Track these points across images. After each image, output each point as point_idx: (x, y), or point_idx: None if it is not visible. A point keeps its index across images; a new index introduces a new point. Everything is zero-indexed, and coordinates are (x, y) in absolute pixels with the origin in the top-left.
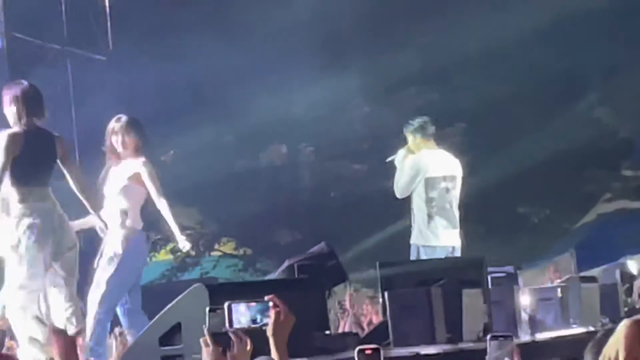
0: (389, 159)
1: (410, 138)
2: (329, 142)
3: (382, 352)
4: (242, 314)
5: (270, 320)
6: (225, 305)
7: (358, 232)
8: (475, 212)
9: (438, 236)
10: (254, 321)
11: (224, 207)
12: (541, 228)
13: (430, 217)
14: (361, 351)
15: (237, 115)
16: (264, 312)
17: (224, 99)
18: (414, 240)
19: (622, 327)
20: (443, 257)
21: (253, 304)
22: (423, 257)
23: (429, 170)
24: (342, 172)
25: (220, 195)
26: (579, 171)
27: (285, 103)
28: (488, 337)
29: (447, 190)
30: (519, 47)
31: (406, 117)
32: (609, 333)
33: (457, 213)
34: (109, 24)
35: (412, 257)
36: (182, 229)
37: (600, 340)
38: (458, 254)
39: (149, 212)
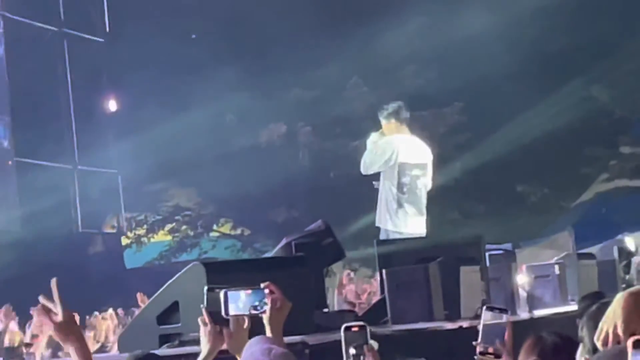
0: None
1: (384, 122)
2: (328, 122)
3: (368, 329)
4: (238, 300)
5: (266, 307)
6: (221, 292)
7: (356, 210)
8: (473, 191)
9: (407, 223)
10: (252, 307)
11: (222, 188)
12: (539, 206)
13: (399, 203)
14: (347, 328)
15: (237, 94)
16: (260, 298)
17: (223, 77)
18: (382, 224)
19: (619, 299)
20: None
21: (249, 290)
22: None
23: (400, 155)
24: (340, 151)
25: (219, 175)
26: (577, 149)
27: (285, 83)
28: (484, 307)
29: (418, 177)
30: (516, 26)
31: (405, 96)
32: (604, 306)
33: (424, 201)
34: (105, 5)
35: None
36: (181, 210)
37: (595, 313)
38: None
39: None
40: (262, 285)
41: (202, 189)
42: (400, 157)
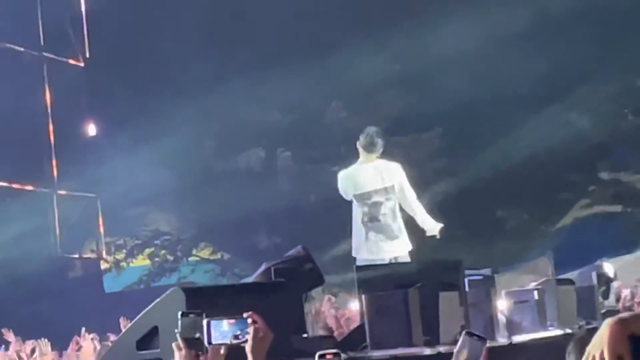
0: None
1: (360, 151)
2: (307, 146)
3: (342, 356)
4: (220, 329)
5: (249, 336)
6: (204, 322)
7: (336, 235)
8: (453, 216)
9: (377, 250)
10: (234, 337)
11: (202, 212)
12: (519, 231)
13: (366, 232)
14: (322, 356)
15: (216, 118)
16: (242, 328)
17: (202, 102)
18: (356, 254)
19: (606, 325)
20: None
21: (232, 320)
22: None
23: (353, 188)
24: (320, 176)
25: (198, 200)
26: (556, 175)
27: (264, 107)
28: (463, 332)
29: (381, 203)
30: (496, 51)
31: (385, 120)
32: (591, 332)
33: (394, 223)
34: (85, 30)
35: None
36: (160, 234)
37: (582, 339)
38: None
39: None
40: (245, 314)
41: (182, 214)
42: (354, 190)
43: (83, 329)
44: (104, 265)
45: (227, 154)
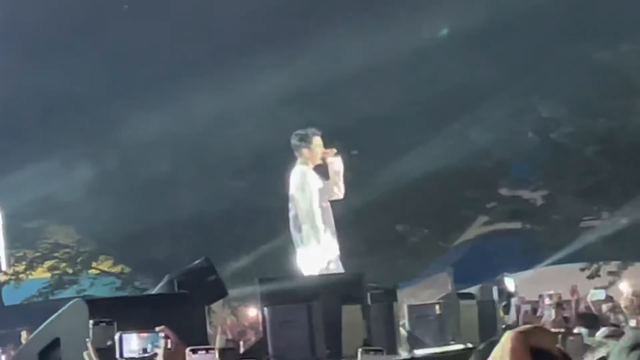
0: None
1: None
2: (210, 159)
3: None
4: (132, 343)
5: (159, 350)
6: (117, 336)
7: (239, 248)
8: (355, 230)
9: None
10: (144, 350)
11: (103, 225)
12: (420, 246)
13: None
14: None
15: (118, 130)
16: (154, 341)
17: (105, 114)
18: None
19: (507, 337)
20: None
21: (144, 333)
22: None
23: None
24: (223, 189)
25: (99, 212)
26: (457, 191)
27: (168, 119)
28: (359, 350)
29: (289, 211)
30: (398, 68)
31: (287, 135)
32: (492, 345)
33: (296, 233)
34: None
35: None
36: (60, 247)
37: (483, 352)
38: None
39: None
40: (157, 328)
41: (82, 226)
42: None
43: None
44: (3, 278)
45: (128, 166)
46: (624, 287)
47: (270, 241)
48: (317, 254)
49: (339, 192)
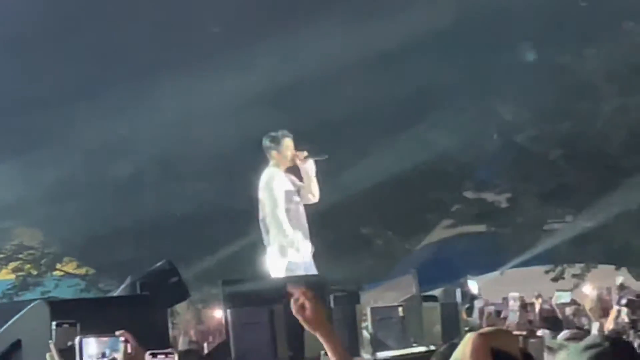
0: None
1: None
2: (174, 161)
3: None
4: (92, 347)
5: (119, 354)
6: (76, 339)
7: (203, 250)
8: (320, 233)
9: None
10: (103, 355)
11: (67, 227)
12: (384, 249)
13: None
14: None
15: (82, 133)
16: (114, 346)
17: (70, 115)
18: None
19: (468, 339)
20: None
21: (104, 338)
22: None
23: None
24: (187, 191)
25: (64, 214)
26: (422, 194)
27: (132, 122)
28: (322, 352)
29: (259, 212)
30: (363, 71)
31: (250, 137)
32: (453, 347)
33: (265, 235)
34: None
35: None
36: (24, 248)
37: (444, 353)
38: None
39: None
40: (117, 332)
41: (47, 228)
42: None
43: None
44: None
45: (93, 168)
46: (588, 289)
47: (234, 243)
48: (282, 256)
49: (312, 196)
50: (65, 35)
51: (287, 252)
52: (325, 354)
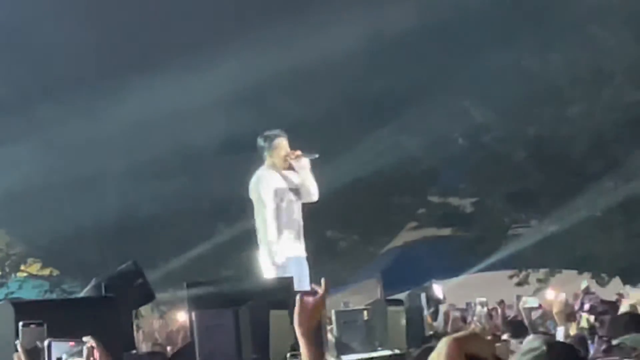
0: None
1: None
2: (139, 162)
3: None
4: (60, 351)
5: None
6: (45, 342)
7: (169, 251)
8: None
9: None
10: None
11: (32, 228)
12: (349, 252)
13: None
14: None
15: (47, 132)
16: (69, 351)
17: (33, 115)
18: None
19: (444, 343)
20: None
21: (72, 342)
22: None
23: None
24: (152, 191)
25: (28, 215)
26: (387, 197)
27: (97, 121)
28: (287, 355)
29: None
30: (327, 73)
31: (215, 137)
32: (426, 352)
33: (259, 235)
34: None
35: None
36: None
37: (419, 357)
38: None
39: None
40: (84, 338)
41: (11, 229)
42: None
43: None
44: None
45: (57, 168)
46: (551, 294)
47: (200, 244)
48: (269, 256)
49: (310, 195)
50: (29, 35)
51: (273, 253)
52: (292, 356)
